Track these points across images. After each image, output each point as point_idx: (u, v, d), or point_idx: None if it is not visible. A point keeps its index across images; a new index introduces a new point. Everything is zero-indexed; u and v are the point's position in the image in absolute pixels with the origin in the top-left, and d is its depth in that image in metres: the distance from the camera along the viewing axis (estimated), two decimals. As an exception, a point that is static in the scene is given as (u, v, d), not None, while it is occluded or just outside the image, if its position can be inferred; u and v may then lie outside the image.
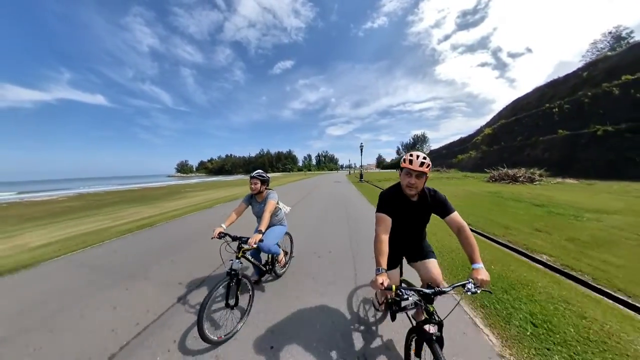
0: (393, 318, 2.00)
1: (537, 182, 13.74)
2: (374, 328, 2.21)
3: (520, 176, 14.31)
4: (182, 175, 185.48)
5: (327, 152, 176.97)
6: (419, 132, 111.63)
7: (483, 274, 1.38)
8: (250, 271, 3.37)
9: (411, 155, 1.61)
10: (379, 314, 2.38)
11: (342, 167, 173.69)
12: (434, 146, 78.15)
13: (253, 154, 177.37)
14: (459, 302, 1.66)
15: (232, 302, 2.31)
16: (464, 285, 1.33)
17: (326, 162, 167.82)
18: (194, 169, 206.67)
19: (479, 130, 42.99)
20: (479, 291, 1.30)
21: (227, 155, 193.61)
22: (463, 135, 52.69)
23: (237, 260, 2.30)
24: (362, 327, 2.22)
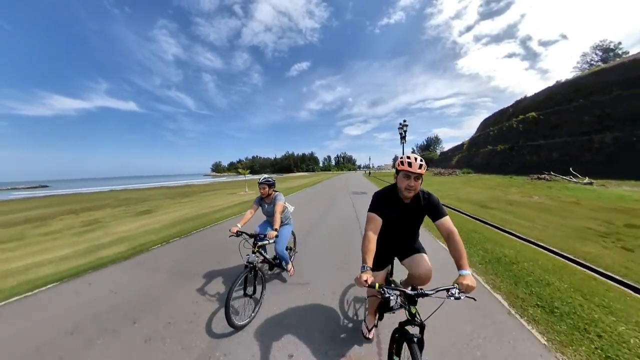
0: (380, 317, 2.11)
1: (454, 174, 28.58)
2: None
3: (445, 172, 29.27)
4: (216, 174, 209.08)
5: (345, 153, 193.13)
6: (436, 132, 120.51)
7: (469, 280, 1.37)
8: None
9: (409, 157, 1.59)
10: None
11: (359, 167, 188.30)
12: (446, 147, 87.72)
13: (278, 156, 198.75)
14: (440, 306, 1.50)
15: (249, 291, 2.59)
16: (448, 290, 1.32)
17: (344, 163, 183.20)
18: (226, 169, 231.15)
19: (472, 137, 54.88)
20: (462, 297, 1.29)
21: (253, 157, 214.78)
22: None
23: (254, 255, 2.61)
24: (350, 325, 2.34)
